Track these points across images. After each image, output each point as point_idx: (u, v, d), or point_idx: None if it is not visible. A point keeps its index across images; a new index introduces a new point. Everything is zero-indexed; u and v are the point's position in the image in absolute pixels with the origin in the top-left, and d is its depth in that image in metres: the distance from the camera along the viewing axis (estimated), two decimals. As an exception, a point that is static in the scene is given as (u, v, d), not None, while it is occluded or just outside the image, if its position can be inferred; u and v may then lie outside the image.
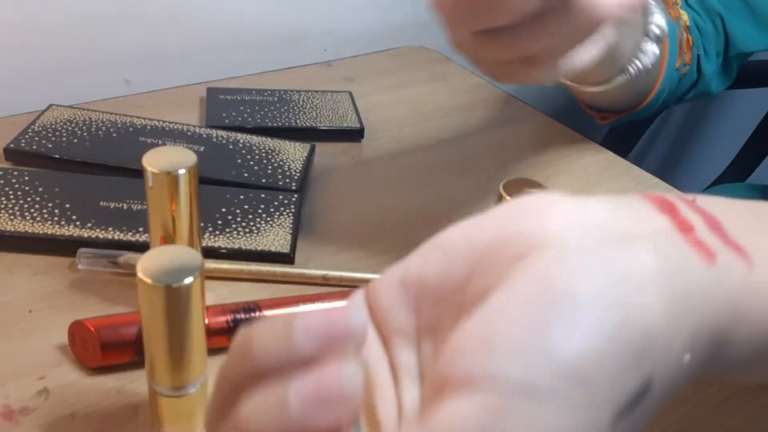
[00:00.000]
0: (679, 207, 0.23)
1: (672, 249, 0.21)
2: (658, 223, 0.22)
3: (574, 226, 0.21)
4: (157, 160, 0.33)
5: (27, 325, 0.38)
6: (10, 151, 0.50)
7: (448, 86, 0.73)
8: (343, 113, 0.62)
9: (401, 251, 0.47)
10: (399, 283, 0.24)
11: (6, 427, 0.32)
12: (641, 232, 0.21)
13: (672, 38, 0.59)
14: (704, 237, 0.22)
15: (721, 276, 0.22)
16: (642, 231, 0.21)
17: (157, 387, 0.31)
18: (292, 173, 0.52)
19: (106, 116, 0.56)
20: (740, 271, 0.22)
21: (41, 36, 0.63)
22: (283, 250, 0.44)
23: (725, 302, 0.22)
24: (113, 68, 0.68)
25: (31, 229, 0.43)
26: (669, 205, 0.23)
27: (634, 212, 0.22)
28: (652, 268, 0.20)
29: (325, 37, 0.82)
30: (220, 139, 0.55)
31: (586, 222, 0.21)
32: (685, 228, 0.22)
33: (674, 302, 0.20)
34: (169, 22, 0.69)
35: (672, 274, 0.21)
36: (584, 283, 0.19)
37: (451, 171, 0.58)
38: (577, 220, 0.21)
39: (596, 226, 0.21)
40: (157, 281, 0.27)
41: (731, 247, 0.23)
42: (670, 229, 0.22)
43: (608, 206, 0.22)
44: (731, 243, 0.23)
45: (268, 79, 0.69)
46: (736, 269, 0.22)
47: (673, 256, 0.21)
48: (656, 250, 0.21)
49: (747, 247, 0.23)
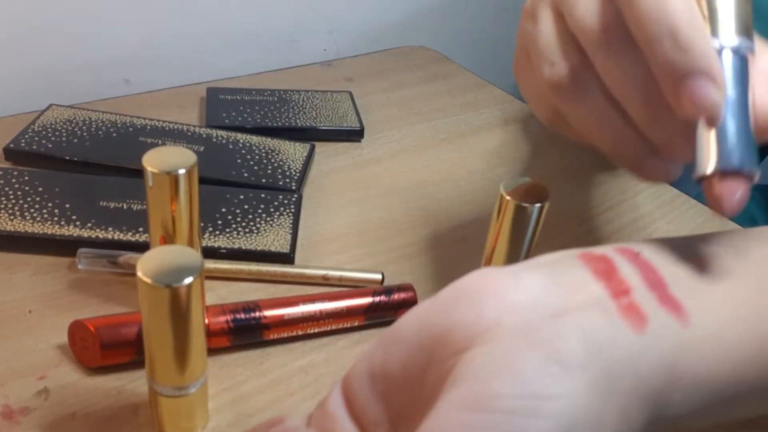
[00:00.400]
0: (618, 266, 0.24)
1: (601, 322, 0.22)
2: (591, 291, 0.23)
3: (507, 312, 0.22)
4: (157, 160, 0.33)
5: (27, 325, 0.38)
6: (10, 151, 0.50)
7: (448, 86, 0.73)
8: (343, 113, 0.62)
9: (401, 251, 0.48)
10: (368, 375, 0.25)
11: (6, 427, 0.32)
12: (572, 306, 0.22)
13: None
14: (639, 298, 0.23)
15: (652, 342, 0.22)
16: (573, 305, 0.22)
17: (157, 387, 0.31)
18: (292, 173, 0.52)
19: (106, 116, 0.56)
20: (674, 332, 0.23)
21: (41, 36, 0.63)
22: (283, 250, 0.44)
23: (656, 368, 0.22)
24: (113, 68, 0.68)
25: (31, 229, 0.43)
26: (606, 267, 0.24)
27: (569, 281, 0.23)
28: (577, 349, 0.21)
29: (325, 37, 0.82)
30: (220, 139, 0.55)
31: (518, 305, 0.23)
32: (620, 292, 0.23)
33: (601, 379, 0.21)
34: (169, 22, 0.69)
35: (599, 350, 0.21)
36: (509, 388, 0.20)
37: (451, 171, 0.58)
38: (509, 305, 0.23)
39: (527, 309, 0.22)
40: (157, 281, 0.27)
41: (667, 306, 0.23)
42: (603, 297, 0.23)
43: (542, 280, 0.24)
44: (669, 301, 0.23)
45: (268, 79, 0.69)
46: (669, 331, 0.23)
47: (601, 329, 0.22)
48: (584, 328, 0.22)
49: (685, 302, 0.24)
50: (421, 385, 0.24)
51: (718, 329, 0.24)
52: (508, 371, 0.21)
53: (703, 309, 0.24)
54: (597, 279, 0.24)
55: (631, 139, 0.28)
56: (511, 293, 0.23)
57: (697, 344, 0.23)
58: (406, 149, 0.60)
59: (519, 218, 0.34)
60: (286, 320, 0.38)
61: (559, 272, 0.24)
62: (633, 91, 0.27)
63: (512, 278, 0.24)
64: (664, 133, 0.27)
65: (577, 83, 0.28)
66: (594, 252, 0.25)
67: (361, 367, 0.25)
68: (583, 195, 0.57)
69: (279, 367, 0.38)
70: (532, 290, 0.23)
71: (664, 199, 0.58)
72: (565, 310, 0.22)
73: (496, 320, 0.22)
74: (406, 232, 0.49)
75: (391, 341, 0.24)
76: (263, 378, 0.37)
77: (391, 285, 0.41)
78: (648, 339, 0.22)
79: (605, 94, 0.28)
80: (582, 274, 0.24)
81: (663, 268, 0.25)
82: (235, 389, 0.36)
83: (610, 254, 0.25)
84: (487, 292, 0.23)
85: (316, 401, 0.36)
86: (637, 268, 0.24)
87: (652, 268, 0.24)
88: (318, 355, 0.39)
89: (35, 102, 0.57)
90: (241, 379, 0.37)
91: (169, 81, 0.67)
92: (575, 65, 0.28)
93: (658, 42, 0.24)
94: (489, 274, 0.24)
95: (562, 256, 0.25)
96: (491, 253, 0.36)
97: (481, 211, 0.52)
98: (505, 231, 0.35)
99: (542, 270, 0.24)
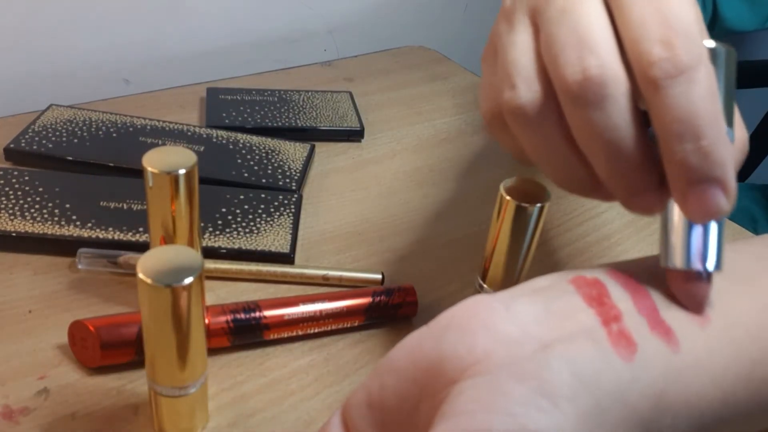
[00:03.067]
0: (610, 290, 0.24)
1: (590, 351, 0.22)
2: (582, 319, 0.23)
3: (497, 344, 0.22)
4: (157, 160, 0.33)
5: (27, 325, 0.38)
6: (10, 151, 0.50)
7: (448, 86, 0.73)
8: (343, 113, 0.62)
9: (401, 251, 0.48)
10: (366, 404, 0.25)
11: (6, 427, 0.32)
12: (562, 336, 0.23)
13: None
14: (630, 325, 0.23)
15: (641, 371, 0.22)
16: (563, 335, 0.23)
17: (157, 387, 0.31)
18: (292, 173, 0.52)
19: (106, 116, 0.56)
20: (664, 359, 0.23)
21: (41, 36, 0.63)
22: (283, 250, 0.44)
23: (646, 396, 0.22)
24: (113, 68, 0.68)
25: (31, 229, 0.43)
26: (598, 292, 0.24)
27: (560, 309, 0.24)
28: (566, 381, 0.21)
29: (325, 37, 0.82)
30: (220, 139, 0.55)
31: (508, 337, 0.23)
32: (610, 319, 0.23)
33: (590, 412, 0.21)
34: (169, 22, 0.69)
35: (588, 382, 0.22)
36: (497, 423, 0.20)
37: (451, 171, 0.58)
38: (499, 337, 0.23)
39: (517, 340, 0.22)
40: (157, 281, 0.27)
41: (658, 331, 0.23)
42: (593, 325, 0.23)
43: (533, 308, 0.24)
44: (659, 326, 0.24)
45: (268, 79, 0.69)
46: (659, 358, 0.23)
47: (590, 359, 0.22)
48: (573, 359, 0.22)
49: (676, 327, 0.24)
50: (415, 415, 0.24)
51: (708, 354, 0.24)
52: (496, 405, 0.21)
53: (694, 333, 0.24)
54: (588, 305, 0.24)
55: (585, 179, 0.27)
56: (503, 324, 0.23)
57: (686, 370, 0.23)
58: (406, 149, 0.60)
59: (519, 218, 0.34)
60: (286, 320, 0.38)
61: (551, 299, 0.24)
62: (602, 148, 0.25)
63: (504, 307, 0.24)
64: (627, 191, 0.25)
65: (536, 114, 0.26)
66: (586, 276, 0.25)
67: (360, 395, 0.25)
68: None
69: (279, 367, 0.38)
70: (523, 320, 0.23)
71: (664, 199, 0.58)
72: (555, 340, 0.22)
73: (486, 352, 0.22)
74: (406, 232, 0.49)
75: (386, 371, 0.25)
76: (263, 378, 0.37)
77: (391, 285, 0.41)
78: (637, 368, 0.22)
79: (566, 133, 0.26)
80: (573, 300, 0.24)
81: (655, 292, 0.25)
82: (235, 389, 0.36)
83: (602, 278, 0.25)
84: (479, 322, 0.23)
85: (316, 401, 0.36)
86: (629, 292, 0.24)
87: (643, 291, 0.24)
88: (318, 355, 0.39)
89: (35, 102, 0.57)
90: (241, 379, 0.37)
91: (169, 81, 0.67)
92: (539, 95, 0.25)
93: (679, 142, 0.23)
94: (481, 303, 0.24)
95: (555, 281, 0.25)
96: (491, 253, 0.36)
97: (481, 211, 0.52)
98: (505, 231, 0.35)
99: (534, 297, 0.24)
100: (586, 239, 0.51)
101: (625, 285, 0.25)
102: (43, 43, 0.63)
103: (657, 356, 0.23)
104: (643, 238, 0.52)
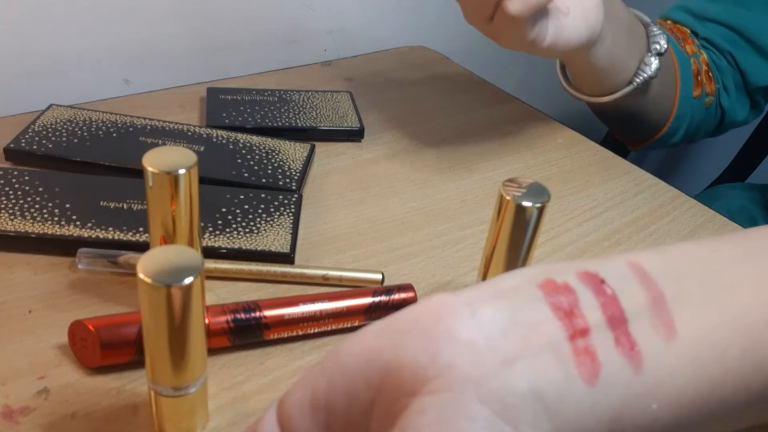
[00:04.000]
0: (580, 297, 0.23)
1: (553, 371, 0.22)
2: (548, 332, 0.22)
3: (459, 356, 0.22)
4: (157, 160, 0.33)
5: (27, 325, 0.38)
6: (10, 151, 0.50)
7: (448, 86, 0.73)
8: (343, 113, 0.62)
9: (401, 251, 0.48)
10: (309, 404, 0.24)
11: (6, 427, 0.32)
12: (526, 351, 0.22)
13: (684, 66, 0.65)
14: (596, 340, 0.22)
15: (602, 396, 0.22)
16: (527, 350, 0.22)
17: (157, 387, 0.31)
18: (292, 173, 0.52)
19: (106, 116, 0.56)
20: (625, 381, 0.22)
21: (41, 36, 0.63)
22: (283, 250, 0.44)
23: (601, 421, 0.22)
24: (113, 68, 0.68)
25: (31, 229, 0.43)
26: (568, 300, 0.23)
27: (526, 319, 0.23)
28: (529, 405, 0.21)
29: (325, 37, 0.82)
30: (220, 139, 0.55)
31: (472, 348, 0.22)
32: (577, 333, 0.22)
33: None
34: (169, 22, 0.69)
35: (548, 407, 0.21)
36: None
37: (451, 171, 0.58)
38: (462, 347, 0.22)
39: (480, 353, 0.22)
40: (157, 281, 0.27)
41: (623, 349, 0.23)
42: (559, 340, 0.22)
43: (499, 315, 0.23)
44: (626, 342, 0.23)
45: (268, 79, 0.69)
46: (620, 381, 0.22)
47: (553, 380, 0.22)
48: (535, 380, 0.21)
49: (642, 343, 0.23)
50: (365, 420, 0.23)
51: (669, 374, 0.23)
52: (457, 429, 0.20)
53: (659, 349, 0.23)
54: (556, 317, 0.23)
55: None
56: (467, 332, 0.22)
57: (646, 393, 0.23)
58: (406, 149, 0.60)
59: (519, 218, 0.34)
60: (286, 320, 0.38)
61: (518, 306, 0.23)
62: None
63: (470, 312, 0.23)
64: None
65: None
66: (556, 281, 0.24)
67: (302, 393, 0.24)
68: (583, 195, 0.57)
69: (279, 367, 0.38)
70: (489, 330, 0.22)
71: (664, 199, 0.58)
72: (518, 355, 0.22)
73: (450, 365, 0.21)
74: (406, 232, 0.49)
75: (337, 371, 0.23)
76: (263, 378, 0.37)
77: (391, 285, 0.41)
78: (599, 393, 0.22)
79: None
80: (541, 309, 0.23)
81: (627, 299, 0.24)
82: (235, 389, 0.36)
83: (573, 283, 0.24)
84: (443, 329, 0.22)
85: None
86: (600, 300, 0.23)
87: (615, 299, 0.23)
88: (318, 355, 0.39)
89: (35, 102, 0.57)
90: (241, 379, 0.37)
91: (169, 81, 0.67)
92: None
93: None
94: (446, 306, 0.23)
95: (523, 284, 0.24)
96: (491, 253, 0.36)
97: (481, 211, 0.52)
98: (505, 231, 0.35)
99: (500, 303, 0.23)
100: (586, 239, 0.51)
101: (596, 292, 0.24)
102: (43, 43, 0.63)
103: (619, 379, 0.22)
104: (643, 238, 0.52)
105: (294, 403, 0.24)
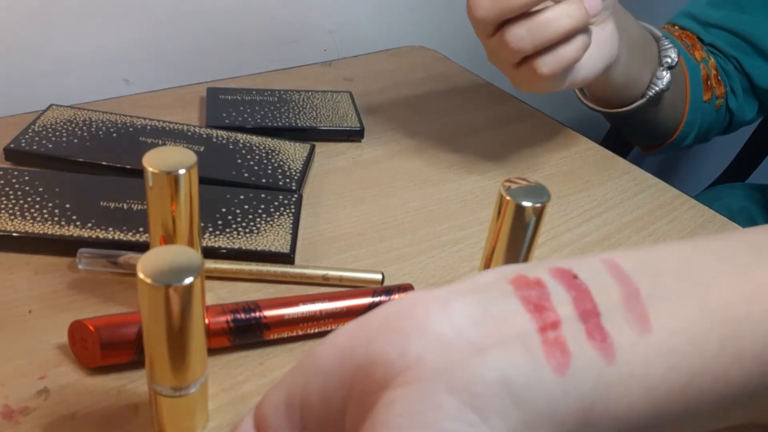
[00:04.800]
0: (552, 292, 0.23)
1: (522, 361, 0.22)
2: (518, 324, 0.22)
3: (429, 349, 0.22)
4: (157, 160, 0.33)
5: (27, 325, 0.38)
6: (10, 151, 0.50)
7: (448, 86, 0.73)
8: (343, 113, 0.62)
9: (401, 251, 0.48)
10: (284, 405, 0.24)
11: (6, 427, 0.32)
12: (496, 342, 0.22)
13: (694, 74, 0.67)
14: (567, 332, 0.22)
15: (572, 386, 0.22)
16: (497, 341, 0.22)
17: (157, 387, 0.31)
18: (292, 173, 0.52)
19: (106, 116, 0.56)
20: (597, 372, 0.22)
21: (41, 36, 0.63)
22: (283, 250, 0.44)
23: (574, 410, 0.22)
24: (113, 68, 0.68)
25: (31, 229, 0.43)
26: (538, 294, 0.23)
27: (497, 312, 0.23)
28: (496, 394, 0.21)
29: (325, 37, 0.82)
30: (220, 139, 0.55)
31: (441, 341, 0.22)
32: (548, 326, 0.22)
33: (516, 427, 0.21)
34: (169, 22, 0.69)
35: (517, 397, 0.21)
36: None
37: (451, 171, 0.58)
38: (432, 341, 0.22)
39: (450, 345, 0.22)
40: (157, 281, 0.27)
41: (594, 341, 0.22)
42: (529, 331, 0.22)
43: (470, 309, 0.23)
44: (598, 334, 0.23)
45: (268, 79, 0.69)
46: (591, 371, 0.22)
47: (521, 369, 0.21)
48: (504, 369, 0.21)
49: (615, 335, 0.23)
50: (341, 418, 0.23)
51: (643, 365, 0.23)
52: (427, 420, 0.20)
53: (632, 342, 0.23)
54: (526, 310, 0.23)
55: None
56: (438, 325, 0.22)
57: (619, 384, 0.22)
58: (406, 149, 0.60)
59: (519, 218, 0.34)
60: (286, 320, 0.38)
61: (489, 300, 0.23)
62: None
63: (441, 307, 0.23)
64: None
65: None
66: (528, 276, 0.24)
67: (278, 395, 0.24)
68: (583, 195, 0.57)
69: (279, 367, 0.38)
70: (459, 322, 0.22)
71: (664, 199, 0.58)
72: (488, 346, 0.22)
73: (419, 358, 0.22)
74: (406, 232, 0.49)
75: (311, 371, 0.24)
76: (263, 378, 0.37)
77: (391, 285, 0.41)
78: (569, 382, 0.22)
79: None
80: (511, 303, 0.23)
81: (599, 294, 0.23)
82: (235, 389, 0.36)
83: (544, 278, 0.24)
84: (413, 324, 0.22)
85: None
86: (571, 294, 0.23)
87: (587, 293, 0.23)
88: (318, 355, 0.39)
89: (35, 102, 0.57)
90: (241, 379, 0.37)
91: (169, 81, 0.67)
92: None
93: None
94: (418, 301, 0.23)
95: (496, 280, 0.24)
96: (491, 253, 0.36)
97: (481, 211, 0.52)
98: (505, 231, 0.35)
99: (472, 297, 0.23)
100: (586, 239, 0.51)
101: (568, 286, 0.23)
102: (43, 43, 0.63)
103: (590, 369, 0.22)
104: (643, 238, 0.52)
105: (271, 405, 0.24)
